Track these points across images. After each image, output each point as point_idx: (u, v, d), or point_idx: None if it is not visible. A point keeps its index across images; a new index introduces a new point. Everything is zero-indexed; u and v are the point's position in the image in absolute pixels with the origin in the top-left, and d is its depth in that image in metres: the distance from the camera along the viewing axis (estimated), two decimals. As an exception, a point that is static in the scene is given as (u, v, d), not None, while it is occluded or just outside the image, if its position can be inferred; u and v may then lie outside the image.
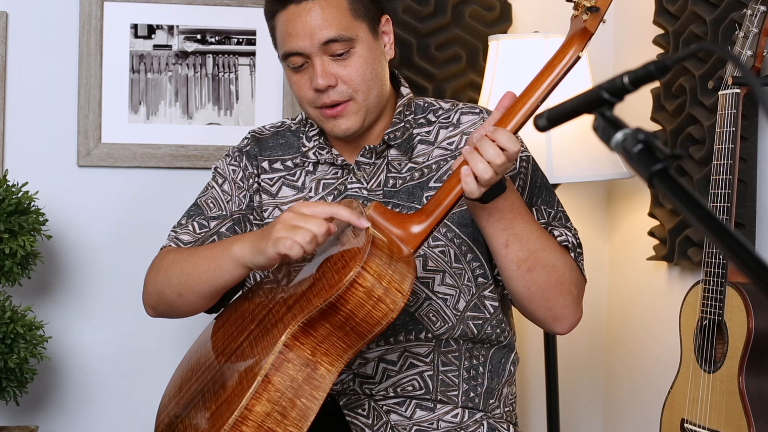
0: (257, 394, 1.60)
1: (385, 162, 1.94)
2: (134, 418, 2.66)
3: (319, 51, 1.85)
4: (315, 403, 1.62)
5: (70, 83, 2.62)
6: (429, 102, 2.00)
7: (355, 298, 1.58)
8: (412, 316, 1.88)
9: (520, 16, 2.87)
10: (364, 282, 1.58)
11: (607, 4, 1.71)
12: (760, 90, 0.94)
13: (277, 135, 2.05)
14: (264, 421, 1.60)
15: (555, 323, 1.88)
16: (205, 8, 2.68)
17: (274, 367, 1.61)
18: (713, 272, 2.09)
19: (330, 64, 1.85)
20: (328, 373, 1.63)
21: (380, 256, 1.61)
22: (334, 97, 1.87)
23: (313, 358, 1.63)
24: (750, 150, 2.28)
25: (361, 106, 1.88)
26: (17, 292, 2.52)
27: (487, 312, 1.91)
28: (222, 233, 1.96)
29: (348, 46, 1.85)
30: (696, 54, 2.13)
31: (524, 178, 1.93)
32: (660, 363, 2.65)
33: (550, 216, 1.92)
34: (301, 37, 1.85)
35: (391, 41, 1.94)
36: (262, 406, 1.60)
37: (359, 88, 1.87)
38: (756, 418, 2.01)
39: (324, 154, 1.96)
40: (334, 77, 1.85)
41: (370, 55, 1.87)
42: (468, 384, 1.90)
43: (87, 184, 2.64)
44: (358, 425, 1.86)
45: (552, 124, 1.13)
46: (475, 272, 1.90)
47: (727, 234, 0.93)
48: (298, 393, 1.61)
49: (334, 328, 1.62)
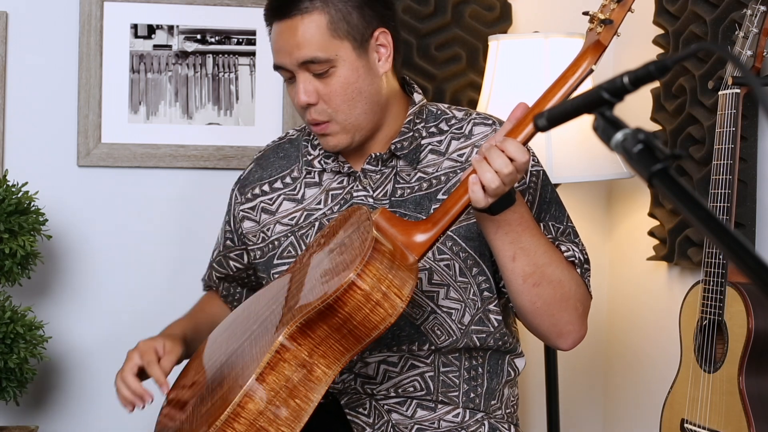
0: (250, 392, 1.60)
1: (393, 171, 1.92)
2: (134, 418, 2.66)
3: (300, 68, 1.85)
4: (309, 404, 1.62)
5: (70, 83, 2.62)
6: (442, 110, 1.97)
7: (353, 301, 1.58)
8: (417, 329, 1.87)
9: (520, 16, 2.87)
10: (363, 285, 1.57)
11: (621, 18, 1.71)
12: (760, 90, 0.94)
13: (277, 149, 2.06)
14: (256, 420, 1.60)
15: (559, 339, 1.87)
16: (205, 8, 2.68)
17: (270, 366, 1.61)
18: (713, 272, 2.09)
19: (311, 81, 1.85)
20: (325, 376, 1.63)
21: (381, 260, 1.60)
22: (314, 115, 1.87)
23: (310, 359, 1.63)
24: (750, 150, 2.28)
25: (342, 126, 1.87)
26: (17, 292, 2.52)
27: (491, 326, 1.90)
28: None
29: (327, 66, 1.84)
30: (696, 54, 2.13)
31: (533, 192, 1.91)
32: (660, 363, 2.65)
33: (558, 231, 1.91)
34: (281, 54, 1.86)
35: (387, 54, 1.90)
36: (254, 404, 1.60)
37: (339, 108, 1.86)
38: (756, 418, 2.01)
39: (330, 162, 1.96)
40: (315, 94, 1.86)
41: (352, 74, 1.85)
42: (468, 385, 1.90)
43: (87, 184, 2.64)
44: (360, 424, 1.86)
45: (552, 124, 1.13)
46: (481, 286, 1.89)
47: (727, 234, 0.93)
48: (293, 393, 1.61)
49: (332, 330, 1.61)
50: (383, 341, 1.87)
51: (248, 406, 1.60)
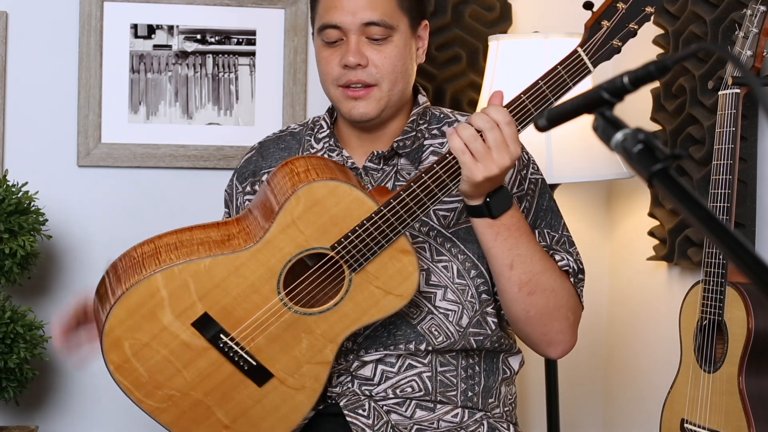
0: None
1: (394, 170, 1.93)
2: (134, 418, 2.66)
3: (358, 30, 1.85)
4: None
5: (70, 83, 2.62)
6: (445, 113, 1.99)
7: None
8: (414, 329, 1.88)
9: (520, 16, 2.87)
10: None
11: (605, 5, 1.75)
12: (760, 90, 0.94)
13: (278, 140, 2.06)
14: None
15: (549, 348, 1.89)
16: (205, 8, 2.68)
17: None
18: (713, 272, 2.09)
19: (365, 45, 1.86)
20: None
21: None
22: (362, 76, 1.87)
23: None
24: (750, 150, 2.28)
25: (383, 95, 1.88)
26: (17, 292, 2.52)
27: (488, 328, 1.90)
28: None
29: (387, 33, 1.86)
30: (696, 54, 2.13)
31: (530, 200, 1.92)
32: (660, 363, 2.65)
33: (552, 240, 1.91)
34: (343, 12, 1.86)
35: (424, 47, 1.95)
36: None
37: (387, 77, 1.87)
38: (756, 418, 2.01)
39: (334, 156, 1.96)
40: (366, 58, 1.86)
41: (405, 48, 1.89)
42: (466, 384, 1.91)
43: (87, 184, 2.64)
44: (359, 425, 1.86)
45: (552, 124, 1.13)
46: (479, 288, 1.89)
47: (727, 234, 0.93)
48: None
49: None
50: (380, 340, 1.87)
51: None
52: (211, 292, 1.76)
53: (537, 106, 1.71)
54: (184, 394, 1.78)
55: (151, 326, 1.75)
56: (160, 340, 1.76)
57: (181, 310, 1.76)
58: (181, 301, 1.76)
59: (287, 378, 1.79)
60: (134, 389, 1.78)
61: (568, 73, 1.70)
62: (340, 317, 1.76)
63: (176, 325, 1.76)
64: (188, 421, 1.79)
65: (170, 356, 1.77)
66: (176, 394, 1.78)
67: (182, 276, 1.75)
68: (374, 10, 1.85)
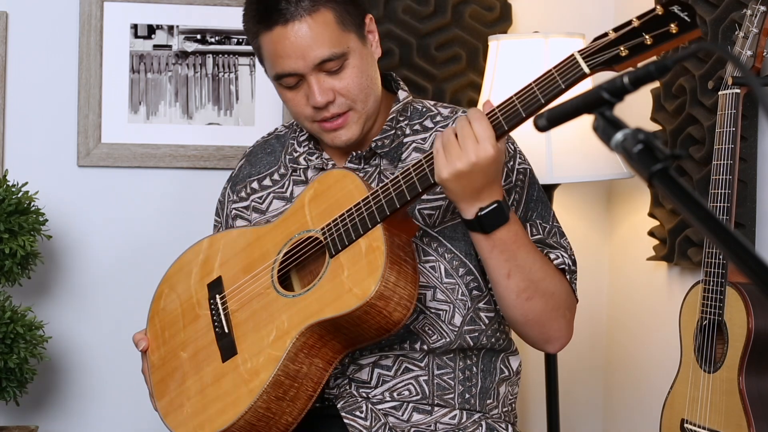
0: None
1: (376, 170, 1.92)
2: (134, 417, 2.66)
3: (313, 70, 1.82)
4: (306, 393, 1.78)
5: (70, 83, 2.62)
6: (428, 107, 1.97)
7: (371, 314, 1.70)
8: (407, 328, 1.86)
9: (520, 16, 2.87)
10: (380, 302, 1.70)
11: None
12: (760, 90, 0.94)
13: (264, 145, 2.06)
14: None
15: (547, 344, 1.90)
16: (205, 8, 2.68)
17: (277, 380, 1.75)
18: (713, 272, 2.09)
19: (325, 80, 1.83)
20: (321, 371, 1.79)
21: (391, 269, 1.70)
22: (334, 110, 1.85)
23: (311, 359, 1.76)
24: (750, 150, 2.29)
25: (360, 115, 1.87)
26: (17, 292, 2.52)
27: (482, 323, 1.90)
28: None
29: (341, 61, 1.82)
30: (696, 54, 2.13)
31: (520, 191, 1.90)
32: (660, 363, 2.65)
33: (545, 231, 1.90)
34: (293, 59, 1.82)
35: (376, 39, 1.91)
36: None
37: (358, 98, 1.85)
38: (756, 418, 2.01)
39: (314, 159, 1.95)
40: (332, 92, 1.83)
41: (362, 62, 1.85)
42: (463, 385, 1.90)
43: (87, 184, 2.64)
44: (357, 428, 1.85)
45: (552, 124, 1.13)
46: (469, 285, 1.88)
47: (727, 234, 0.93)
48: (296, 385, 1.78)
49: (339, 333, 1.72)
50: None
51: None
52: (231, 260, 1.89)
53: (526, 107, 1.66)
54: (174, 354, 1.89)
55: (184, 283, 1.93)
56: (182, 296, 1.92)
57: (206, 272, 1.91)
58: (208, 265, 1.91)
59: (246, 361, 1.79)
60: (152, 340, 1.94)
61: (561, 76, 1.65)
62: (305, 306, 1.75)
63: (197, 285, 1.91)
64: (165, 385, 1.89)
65: (182, 314, 1.91)
66: (169, 354, 1.90)
67: (219, 242, 1.92)
68: (321, 45, 1.80)
